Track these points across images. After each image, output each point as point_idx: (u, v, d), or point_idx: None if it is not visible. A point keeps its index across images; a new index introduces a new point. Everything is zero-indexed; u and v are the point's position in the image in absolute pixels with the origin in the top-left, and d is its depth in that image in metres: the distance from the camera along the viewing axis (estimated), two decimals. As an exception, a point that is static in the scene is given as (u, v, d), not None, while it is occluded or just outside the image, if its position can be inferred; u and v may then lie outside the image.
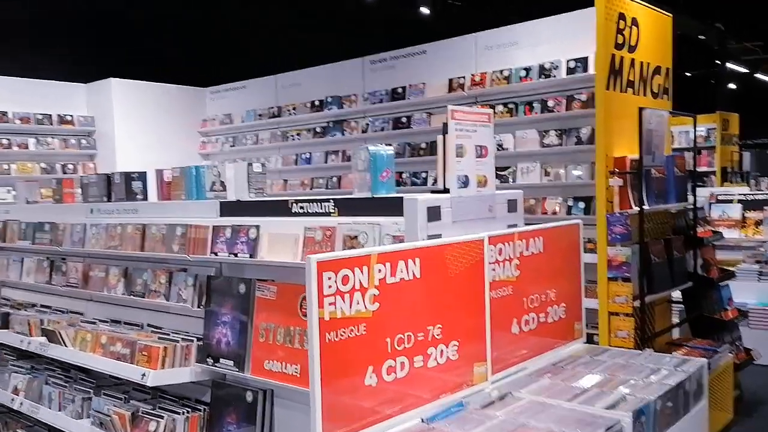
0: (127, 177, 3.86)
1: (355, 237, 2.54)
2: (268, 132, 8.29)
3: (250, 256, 2.87)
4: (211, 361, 2.95)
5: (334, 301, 1.86)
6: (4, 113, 7.29)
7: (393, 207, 2.42)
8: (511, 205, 2.68)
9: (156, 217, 3.51)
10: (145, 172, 3.93)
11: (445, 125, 2.38)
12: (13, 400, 3.77)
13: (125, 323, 3.73)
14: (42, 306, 4.40)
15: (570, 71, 5.82)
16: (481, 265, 2.31)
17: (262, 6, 8.75)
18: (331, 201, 2.75)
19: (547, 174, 5.93)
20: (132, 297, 3.47)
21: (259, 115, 8.36)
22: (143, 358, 3.07)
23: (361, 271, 1.93)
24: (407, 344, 2.06)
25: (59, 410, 3.54)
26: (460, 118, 2.34)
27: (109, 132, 8.02)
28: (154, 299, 3.34)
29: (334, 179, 7.64)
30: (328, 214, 2.75)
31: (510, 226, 2.63)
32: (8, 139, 7.37)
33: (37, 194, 4.96)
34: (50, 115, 7.68)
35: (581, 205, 5.66)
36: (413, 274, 2.07)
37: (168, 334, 3.26)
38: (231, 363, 2.85)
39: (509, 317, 2.49)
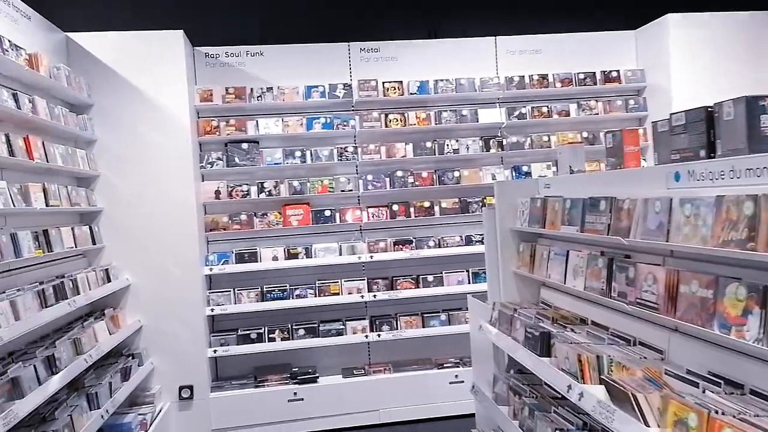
0: (750, 104, 1.99)
1: None
2: None
3: None
4: None
5: None
6: (545, 77, 6.31)
7: None
8: None
9: None
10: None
11: None
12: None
13: (753, 392, 1.89)
14: (593, 324, 2.95)
15: None
16: None
17: None
18: None
19: None
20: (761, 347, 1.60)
21: None
22: None
23: None
24: None
25: None
26: None
27: (664, 86, 6.21)
28: None
29: None
30: None
31: None
32: (548, 107, 6.36)
33: (583, 163, 3.58)
34: (593, 73, 6.37)
35: None
36: None
37: None
38: None
39: None
